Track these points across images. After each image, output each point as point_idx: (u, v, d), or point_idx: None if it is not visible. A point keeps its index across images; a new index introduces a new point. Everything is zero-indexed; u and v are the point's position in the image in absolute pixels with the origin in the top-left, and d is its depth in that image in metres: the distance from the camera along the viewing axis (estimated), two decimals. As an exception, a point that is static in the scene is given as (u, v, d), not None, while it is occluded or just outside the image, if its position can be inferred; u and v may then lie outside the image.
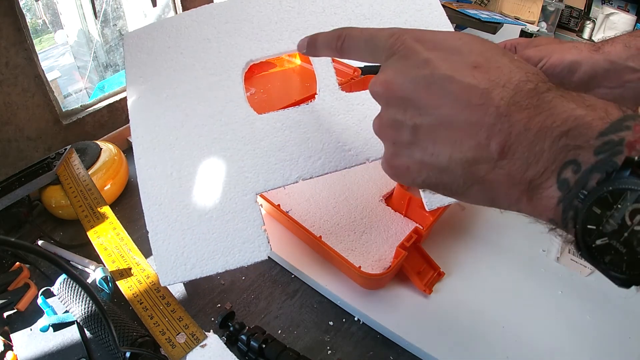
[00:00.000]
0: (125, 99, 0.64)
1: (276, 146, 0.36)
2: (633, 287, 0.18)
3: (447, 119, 0.21)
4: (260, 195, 0.44)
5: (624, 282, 0.18)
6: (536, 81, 0.20)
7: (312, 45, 0.28)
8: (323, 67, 0.40)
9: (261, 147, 0.36)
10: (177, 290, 0.41)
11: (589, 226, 0.18)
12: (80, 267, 0.42)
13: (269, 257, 0.45)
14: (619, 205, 0.17)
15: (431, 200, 0.35)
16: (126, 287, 0.37)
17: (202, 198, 0.35)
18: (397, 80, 0.22)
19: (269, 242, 0.34)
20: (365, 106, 0.38)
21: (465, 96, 0.20)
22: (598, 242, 0.18)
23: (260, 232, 0.34)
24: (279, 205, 0.44)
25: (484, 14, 0.99)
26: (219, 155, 0.36)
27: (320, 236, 0.42)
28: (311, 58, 0.38)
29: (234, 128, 0.37)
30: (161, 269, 0.34)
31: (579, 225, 0.18)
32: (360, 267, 0.39)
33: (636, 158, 0.17)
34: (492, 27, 0.94)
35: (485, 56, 0.21)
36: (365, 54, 0.26)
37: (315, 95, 0.39)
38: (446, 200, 0.34)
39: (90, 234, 0.42)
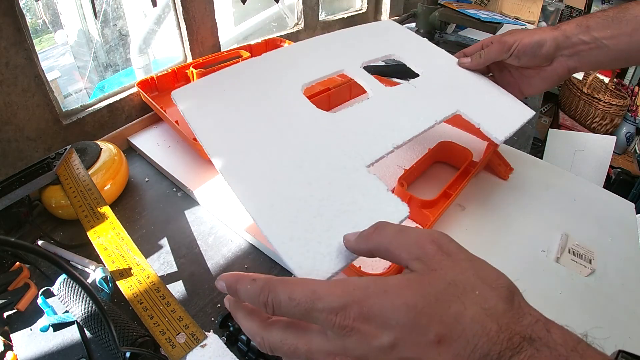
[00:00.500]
0: (125, 98, 0.64)
1: (358, 130, 0.40)
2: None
3: None
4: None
5: None
6: (498, 350, 0.20)
7: (232, 292, 0.25)
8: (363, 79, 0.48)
9: (346, 134, 0.39)
10: (177, 290, 0.41)
11: None
12: (80, 267, 0.42)
13: (268, 257, 0.45)
14: None
15: None
16: (126, 287, 0.37)
17: (316, 187, 0.33)
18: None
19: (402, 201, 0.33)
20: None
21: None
22: None
23: (390, 195, 0.33)
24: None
25: (484, 14, 0.98)
26: (315, 152, 0.37)
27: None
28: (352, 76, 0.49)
29: (319, 127, 0.39)
30: (301, 270, 0.28)
31: None
32: (360, 267, 0.39)
33: None
34: (492, 27, 0.94)
35: (446, 324, 0.21)
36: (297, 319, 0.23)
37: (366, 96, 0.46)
38: None
39: (90, 234, 0.42)
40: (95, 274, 0.40)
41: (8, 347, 0.35)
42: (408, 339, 0.21)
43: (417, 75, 0.51)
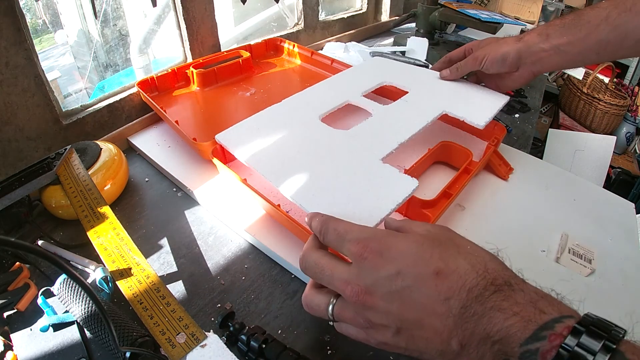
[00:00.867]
0: (125, 98, 0.64)
1: (369, 137, 0.50)
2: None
3: (420, 323, 0.26)
4: (260, 195, 0.45)
5: None
6: (484, 284, 0.25)
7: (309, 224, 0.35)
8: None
9: (360, 141, 0.49)
10: (177, 290, 0.41)
11: None
12: (80, 267, 0.42)
13: (268, 257, 0.45)
14: None
15: None
16: (126, 287, 0.37)
17: (346, 178, 0.43)
18: (377, 291, 0.27)
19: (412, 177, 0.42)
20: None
21: (431, 306, 0.26)
22: None
23: (402, 175, 0.43)
24: (279, 205, 0.44)
25: (484, 14, 0.98)
26: (340, 156, 0.47)
27: (321, 236, 0.42)
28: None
29: (340, 141, 0.50)
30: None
31: None
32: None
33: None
34: (492, 27, 0.94)
35: (444, 260, 0.26)
36: (335, 248, 0.31)
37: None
38: None
39: (90, 234, 0.42)
40: (95, 274, 0.40)
41: (8, 347, 0.35)
42: (411, 271, 0.26)
43: (407, 92, 0.61)
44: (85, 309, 0.35)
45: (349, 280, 0.28)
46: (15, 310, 0.37)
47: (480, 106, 0.56)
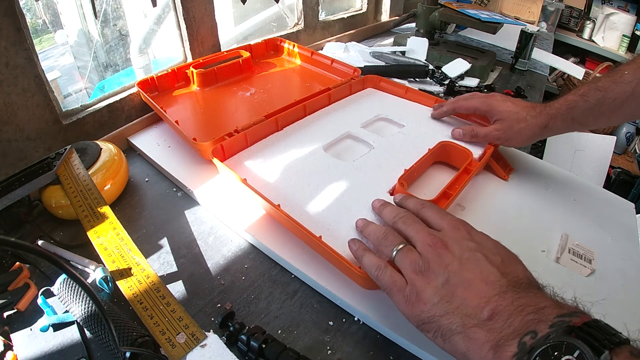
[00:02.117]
0: (125, 98, 0.64)
1: (373, 170, 0.53)
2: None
3: (469, 283, 0.31)
4: (260, 195, 0.45)
5: None
6: (530, 280, 0.31)
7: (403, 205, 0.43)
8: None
9: (366, 174, 0.53)
10: (177, 290, 0.41)
11: None
12: (80, 267, 0.42)
13: (268, 257, 0.45)
14: (555, 355, 0.24)
15: None
16: (126, 287, 0.37)
17: (356, 211, 0.47)
18: (453, 246, 0.33)
19: None
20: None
21: (487, 275, 0.31)
22: None
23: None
24: (279, 205, 0.44)
25: (484, 14, 0.98)
26: (349, 189, 0.50)
27: (320, 236, 0.42)
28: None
29: (345, 173, 0.53)
30: None
31: None
32: (360, 267, 0.39)
33: (576, 328, 0.24)
34: (492, 27, 0.94)
35: (506, 258, 0.33)
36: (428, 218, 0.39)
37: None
38: None
39: (90, 234, 0.42)
40: (95, 274, 0.40)
41: (8, 347, 0.35)
42: (486, 250, 0.33)
43: (404, 125, 0.64)
44: (85, 309, 0.35)
45: (433, 234, 0.35)
46: (15, 310, 0.37)
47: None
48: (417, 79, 0.88)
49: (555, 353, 0.24)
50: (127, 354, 0.31)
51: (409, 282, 0.33)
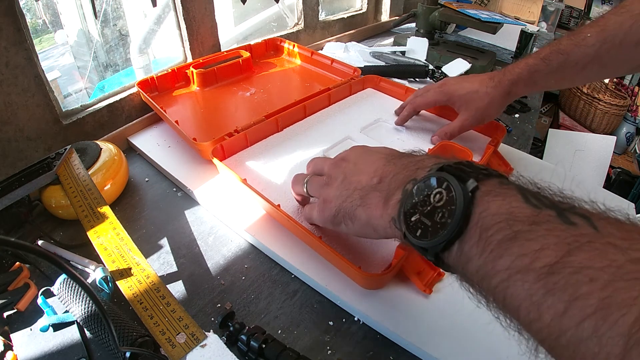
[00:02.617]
0: (125, 98, 0.64)
1: None
2: None
3: (360, 169, 0.35)
4: (260, 195, 0.45)
5: (430, 252, 0.25)
6: (401, 154, 0.35)
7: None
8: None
9: None
10: (177, 290, 0.41)
11: (409, 210, 0.27)
12: (80, 267, 0.42)
13: (268, 257, 0.45)
14: (427, 191, 0.26)
15: None
16: (126, 287, 0.37)
17: None
18: (348, 156, 0.38)
19: None
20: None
21: (372, 159, 0.35)
22: (413, 218, 0.26)
23: None
24: (279, 205, 0.44)
25: (484, 14, 0.98)
26: None
27: (320, 236, 0.42)
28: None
29: None
30: None
31: (404, 210, 0.27)
32: (360, 267, 0.39)
33: (447, 166, 0.26)
34: (492, 27, 0.94)
35: (396, 152, 0.36)
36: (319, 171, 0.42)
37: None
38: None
39: (90, 234, 0.42)
40: (95, 274, 0.40)
41: (8, 347, 0.35)
42: (371, 152, 0.37)
43: (403, 128, 0.64)
44: (85, 309, 0.35)
45: (336, 158, 0.40)
46: (15, 310, 0.37)
47: (469, 141, 0.61)
48: (417, 79, 0.88)
49: (426, 190, 0.26)
50: (127, 354, 0.31)
51: (319, 197, 0.39)
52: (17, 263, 0.42)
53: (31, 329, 0.37)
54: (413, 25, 1.14)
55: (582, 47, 0.46)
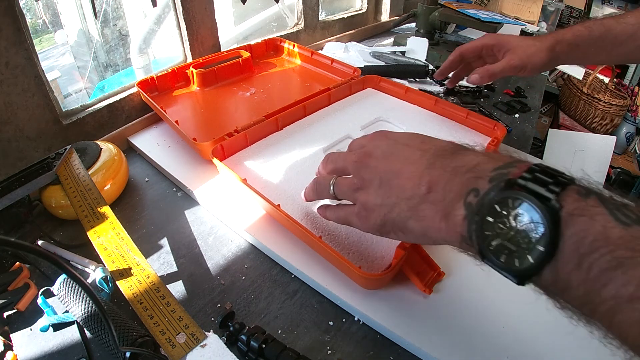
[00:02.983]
0: (125, 98, 0.64)
1: None
2: None
3: (399, 171, 0.31)
4: (260, 195, 0.45)
5: (519, 277, 0.23)
6: (453, 145, 0.31)
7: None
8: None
9: None
10: (177, 290, 0.42)
11: (485, 232, 0.24)
12: (80, 267, 0.42)
13: (268, 257, 0.45)
14: (504, 212, 0.23)
15: None
16: (126, 287, 0.37)
17: None
18: (374, 152, 0.34)
19: None
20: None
21: (411, 157, 0.31)
22: (494, 243, 0.24)
23: None
24: (279, 205, 0.44)
25: (484, 14, 0.98)
26: None
27: (320, 236, 0.42)
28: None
29: None
30: None
31: (478, 232, 0.24)
32: (360, 267, 0.39)
33: (518, 180, 0.23)
34: (492, 27, 0.94)
35: (425, 138, 0.34)
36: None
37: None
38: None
39: (90, 234, 0.42)
40: (95, 274, 0.40)
41: (8, 347, 0.35)
42: (403, 143, 0.34)
43: (403, 128, 0.64)
44: (85, 309, 0.35)
45: (355, 152, 0.36)
46: (15, 310, 0.37)
47: (469, 141, 0.60)
48: (417, 79, 0.88)
49: (502, 210, 0.23)
50: (127, 354, 0.31)
51: (355, 201, 0.35)
52: (17, 263, 0.42)
53: (31, 329, 0.37)
54: (413, 25, 1.14)
55: (622, 24, 0.49)
